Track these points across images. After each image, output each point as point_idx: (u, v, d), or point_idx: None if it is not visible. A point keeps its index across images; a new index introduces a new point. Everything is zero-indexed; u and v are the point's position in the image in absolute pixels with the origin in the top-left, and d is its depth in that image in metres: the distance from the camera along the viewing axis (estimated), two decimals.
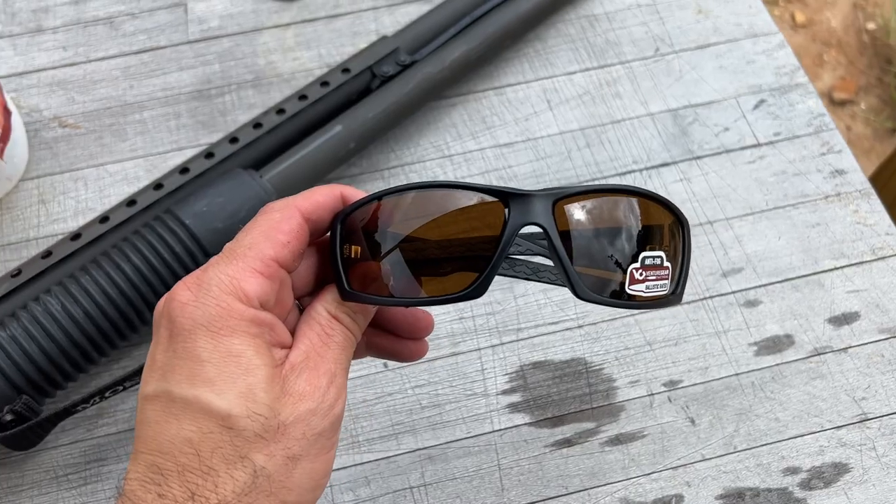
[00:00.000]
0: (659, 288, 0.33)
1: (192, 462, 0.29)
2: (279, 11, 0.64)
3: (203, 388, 0.29)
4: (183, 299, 0.30)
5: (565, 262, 0.31)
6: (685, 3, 0.64)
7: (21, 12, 0.65)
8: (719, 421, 0.47)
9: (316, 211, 0.33)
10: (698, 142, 0.57)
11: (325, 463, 0.31)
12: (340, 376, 0.32)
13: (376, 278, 0.32)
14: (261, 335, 0.30)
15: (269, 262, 0.31)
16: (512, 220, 0.31)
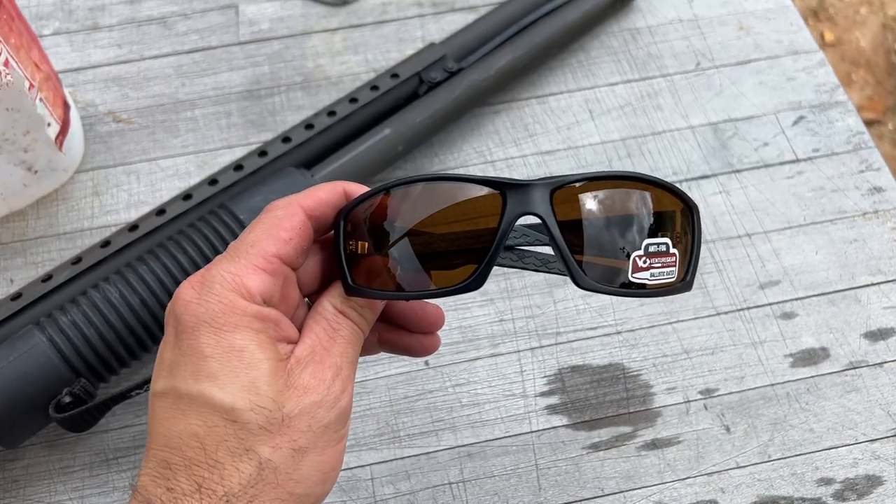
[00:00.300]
0: (665, 275, 0.32)
1: (198, 456, 0.29)
2: (328, 16, 0.66)
3: (207, 383, 0.30)
4: (187, 297, 0.31)
5: (563, 250, 0.31)
6: (726, 19, 0.65)
7: (78, 10, 0.67)
8: (754, 430, 0.48)
9: (319, 207, 0.33)
10: (738, 155, 0.58)
11: (334, 456, 0.32)
12: (346, 369, 0.32)
13: (380, 273, 0.33)
14: (264, 330, 0.31)
15: (272, 258, 0.32)
16: (508, 211, 0.31)
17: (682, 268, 0.33)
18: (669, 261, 0.32)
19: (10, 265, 0.54)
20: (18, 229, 0.56)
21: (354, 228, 0.33)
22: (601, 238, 0.32)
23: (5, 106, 0.49)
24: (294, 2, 0.67)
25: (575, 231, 0.32)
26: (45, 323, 0.44)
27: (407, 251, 0.32)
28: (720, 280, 0.53)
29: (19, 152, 0.52)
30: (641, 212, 0.32)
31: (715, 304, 0.52)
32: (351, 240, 0.33)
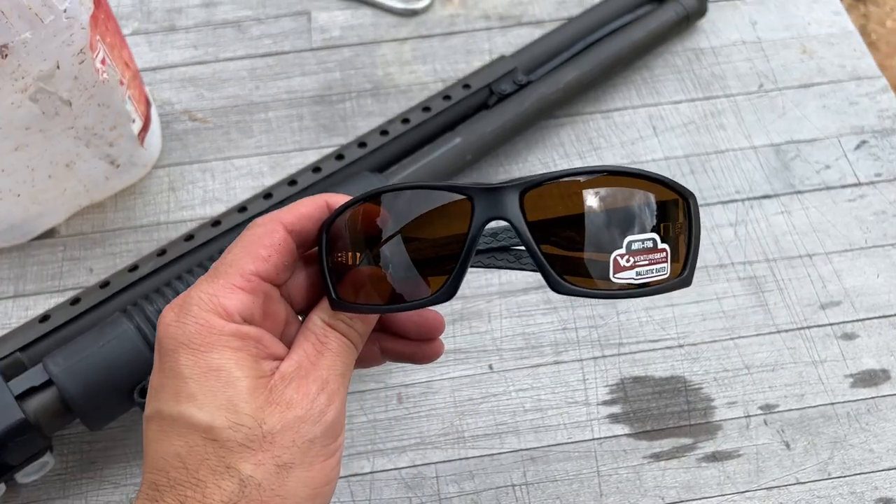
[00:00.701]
0: (655, 273, 0.30)
1: (182, 476, 0.29)
2: (397, 26, 0.68)
3: (186, 404, 0.30)
4: (167, 321, 0.31)
5: (536, 255, 0.30)
6: (790, 42, 0.66)
7: (156, 11, 0.69)
8: (814, 447, 0.49)
9: (300, 222, 0.33)
10: (799, 177, 0.59)
11: (323, 471, 0.31)
12: (334, 383, 0.32)
13: (363, 285, 0.32)
14: (244, 348, 0.31)
15: (250, 276, 0.31)
16: (476, 217, 0.30)
17: (677, 263, 0.31)
18: (658, 257, 0.30)
19: (90, 255, 0.56)
20: (98, 220, 0.58)
21: (337, 241, 0.33)
22: (579, 238, 0.30)
23: (97, 102, 0.51)
24: (365, 11, 0.69)
25: (551, 233, 0.30)
26: (132, 311, 0.46)
27: (388, 262, 0.32)
28: (781, 298, 0.54)
29: (105, 146, 0.54)
30: (624, 207, 0.30)
31: (776, 321, 0.53)
32: (334, 253, 0.33)
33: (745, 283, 0.54)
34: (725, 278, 0.54)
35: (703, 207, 0.57)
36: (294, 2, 0.69)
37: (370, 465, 0.48)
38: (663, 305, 0.53)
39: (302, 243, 0.33)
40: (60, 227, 0.57)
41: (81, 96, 0.50)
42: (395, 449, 0.49)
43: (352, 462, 0.48)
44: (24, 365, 0.45)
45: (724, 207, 0.57)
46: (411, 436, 0.49)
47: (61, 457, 0.49)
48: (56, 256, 0.56)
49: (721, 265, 0.55)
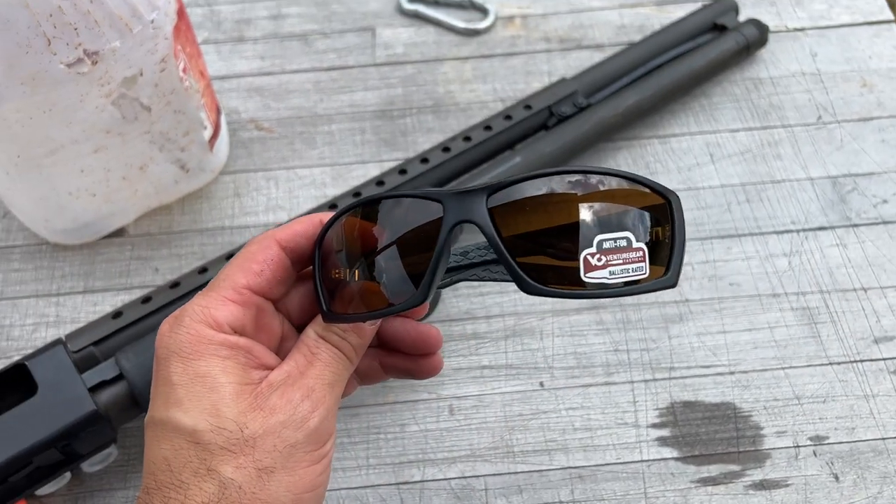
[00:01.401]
0: (631, 272, 0.29)
1: (167, 478, 0.30)
2: (459, 45, 0.69)
3: (174, 409, 0.31)
4: (162, 332, 0.33)
5: (503, 255, 0.30)
6: (850, 75, 0.66)
7: (226, 22, 0.71)
8: (863, 481, 0.49)
9: (294, 239, 0.34)
10: (856, 210, 0.59)
11: (306, 477, 0.32)
12: (320, 391, 0.33)
13: (353, 298, 0.33)
14: (232, 357, 0.32)
15: (242, 290, 0.33)
16: (445, 220, 0.30)
17: (661, 265, 0.30)
18: (633, 256, 0.30)
19: (156, 255, 0.58)
20: (165, 222, 0.60)
21: (329, 256, 0.34)
22: (549, 240, 0.30)
23: (174, 108, 0.53)
24: (428, 29, 0.70)
25: (521, 236, 0.30)
26: None
27: (374, 273, 0.33)
28: (834, 331, 0.54)
29: (177, 151, 0.56)
30: (599, 208, 0.30)
31: (828, 353, 0.53)
32: (327, 268, 0.34)
33: (797, 314, 0.54)
34: (778, 308, 0.55)
35: (757, 236, 0.58)
36: (359, 18, 0.71)
37: (420, 474, 0.49)
38: (715, 332, 0.54)
39: (297, 260, 0.35)
40: (129, 227, 0.60)
41: (160, 102, 0.52)
42: (446, 459, 0.50)
43: (402, 470, 0.49)
44: (97, 358, 0.47)
45: (778, 237, 0.58)
46: (461, 447, 0.50)
47: (124, 449, 0.50)
48: (124, 255, 0.58)
49: (774, 295, 0.55)
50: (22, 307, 0.56)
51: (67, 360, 0.45)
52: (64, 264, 0.58)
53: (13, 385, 0.46)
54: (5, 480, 0.44)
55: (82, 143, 0.51)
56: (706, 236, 0.58)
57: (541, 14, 0.71)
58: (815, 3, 0.71)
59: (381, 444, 0.50)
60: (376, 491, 0.49)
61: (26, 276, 0.57)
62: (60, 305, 0.56)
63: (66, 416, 0.44)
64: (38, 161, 0.50)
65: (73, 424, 0.44)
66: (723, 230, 0.58)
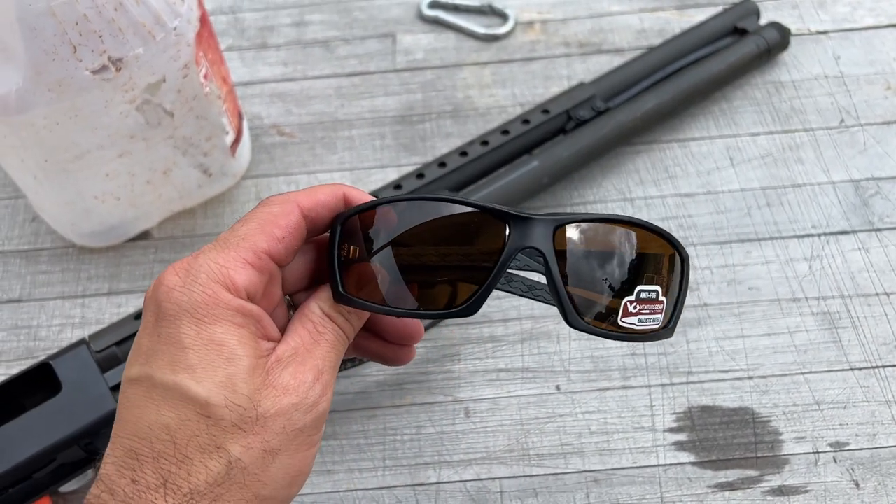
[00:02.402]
0: (651, 322, 0.33)
1: (167, 449, 0.28)
2: (479, 50, 0.70)
3: (183, 375, 0.29)
4: (170, 284, 0.30)
5: (560, 289, 0.31)
6: (874, 78, 0.65)
7: (249, 29, 0.72)
8: (884, 488, 0.48)
9: (315, 208, 0.32)
10: (879, 214, 0.58)
11: (304, 460, 0.31)
12: (327, 374, 0.31)
13: (370, 284, 0.32)
14: (246, 325, 0.30)
15: (262, 254, 0.31)
16: (511, 242, 0.31)
17: (666, 314, 0.33)
18: (657, 308, 0.33)
19: (179, 258, 0.59)
20: (188, 225, 0.61)
21: (350, 236, 0.33)
22: (595, 280, 0.32)
23: (196, 114, 0.54)
24: (448, 34, 0.71)
25: (569, 269, 0.32)
26: None
27: (402, 267, 0.32)
28: (855, 336, 0.53)
29: (200, 156, 0.57)
30: (638, 259, 0.33)
31: (849, 358, 0.52)
32: (344, 246, 0.33)
33: (818, 319, 0.54)
34: (798, 312, 0.54)
35: (778, 241, 0.57)
36: (380, 24, 0.72)
37: (436, 476, 0.49)
38: (734, 337, 0.54)
39: (312, 228, 0.33)
40: (153, 231, 0.61)
41: (182, 108, 0.53)
42: (461, 462, 0.50)
43: (419, 471, 0.50)
44: (119, 358, 0.48)
45: (799, 241, 0.57)
46: (477, 450, 0.50)
47: None
48: (147, 258, 0.59)
49: (794, 299, 0.55)
50: (49, 308, 0.57)
51: (91, 359, 0.46)
52: (90, 266, 0.59)
53: (39, 384, 0.47)
54: (30, 476, 0.45)
55: (107, 147, 0.52)
56: (725, 240, 0.57)
57: (560, 19, 0.71)
58: (839, 6, 0.70)
59: (398, 445, 0.51)
60: (392, 492, 0.49)
61: (53, 277, 0.59)
62: (86, 307, 0.57)
63: (89, 415, 0.45)
64: (65, 166, 0.52)
65: (96, 422, 0.45)
66: (742, 234, 0.58)
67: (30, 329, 0.56)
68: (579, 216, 0.32)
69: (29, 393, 0.47)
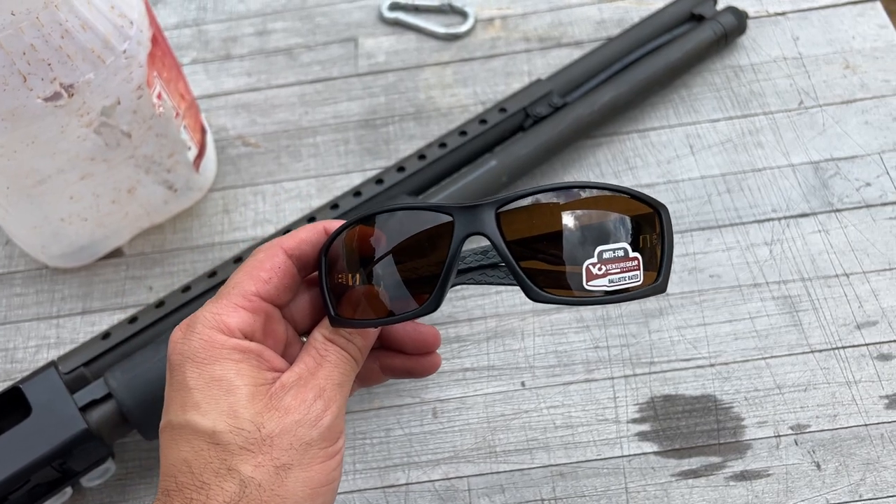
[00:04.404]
0: (627, 280, 0.32)
1: (188, 480, 0.31)
2: (440, 50, 0.70)
3: (192, 412, 0.32)
4: (175, 339, 0.34)
5: (512, 265, 0.32)
6: (832, 57, 0.66)
7: (213, 41, 0.73)
8: (845, 468, 0.49)
9: (300, 247, 0.36)
10: (838, 195, 0.59)
11: (322, 472, 0.33)
12: (331, 391, 0.34)
13: (359, 302, 0.35)
14: (245, 360, 0.33)
15: (251, 297, 0.34)
16: (456, 233, 0.32)
17: (653, 271, 0.33)
18: (629, 265, 0.32)
19: (150, 273, 0.60)
20: (157, 241, 0.62)
21: (336, 263, 0.35)
22: (553, 250, 0.32)
23: (155, 132, 0.55)
24: (409, 36, 0.71)
25: (526, 246, 0.32)
26: None
27: (380, 280, 0.34)
28: (816, 318, 0.54)
29: (163, 173, 0.58)
30: (596, 220, 0.33)
31: (810, 341, 0.53)
32: (333, 274, 0.35)
33: (779, 303, 0.54)
34: (759, 298, 0.55)
35: (738, 227, 0.58)
36: (342, 28, 0.72)
37: (405, 477, 0.50)
38: (695, 325, 0.54)
39: (303, 267, 0.36)
40: (125, 248, 0.62)
41: (140, 128, 0.54)
42: (430, 462, 0.51)
43: (388, 474, 0.51)
44: (88, 379, 0.49)
45: (759, 226, 0.58)
46: (445, 449, 0.51)
47: (122, 463, 0.52)
48: (119, 275, 0.60)
49: (755, 284, 0.55)
50: (24, 330, 0.58)
51: (59, 381, 0.47)
52: (63, 287, 0.60)
53: (10, 407, 0.48)
54: (6, 499, 0.46)
55: (68, 171, 0.53)
56: (686, 229, 0.58)
57: (520, 14, 0.72)
58: None
59: (367, 448, 0.52)
60: (363, 495, 0.50)
61: (28, 300, 0.60)
62: (60, 327, 0.58)
63: (60, 436, 0.46)
64: (28, 191, 0.53)
65: (66, 443, 0.46)
66: (703, 222, 0.58)
67: (6, 351, 0.57)
68: (523, 191, 0.32)
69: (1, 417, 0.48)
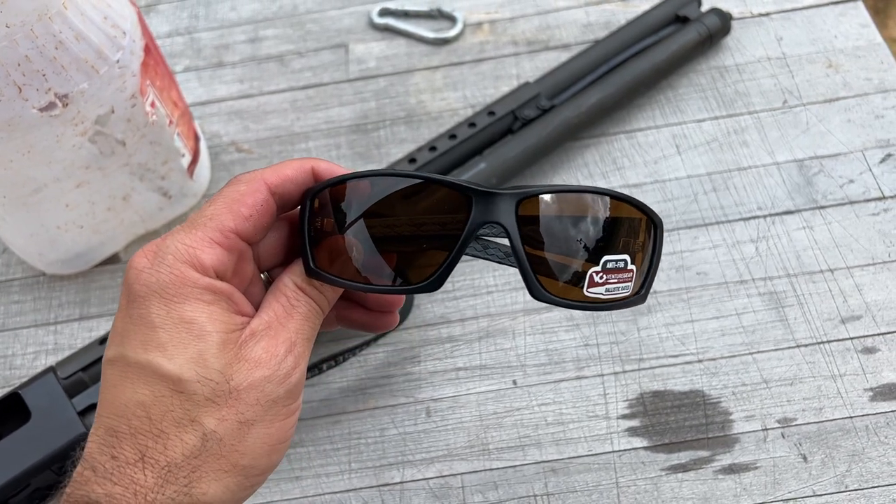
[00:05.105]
0: (620, 290, 0.33)
1: (143, 425, 0.29)
2: (430, 55, 0.71)
3: (155, 353, 0.30)
4: (139, 266, 0.31)
5: (523, 263, 0.32)
6: (815, 57, 0.67)
7: (206, 49, 0.74)
8: (831, 460, 0.50)
9: (283, 185, 0.33)
10: (822, 192, 0.60)
11: (282, 430, 0.32)
12: (300, 346, 0.32)
13: (341, 258, 0.33)
14: (216, 303, 0.31)
15: (229, 233, 0.31)
16: (473, 218, 0.31)
17: (637, 281, 0.33)
18: (626, 276, 0.33)
19: None
20: None
21: (320, 211, 0.33)
22: (561, 251, 0.32)
23: (149, 140, 0.56)
24: (399, 41, 0.72)
25: (536, 242, 0.32)
26: None
27: (369, 241, 0.33)
28: (801, 313, 0.55)
29: (157, 180, 0.59)
30: (604, 227, 0.33)
31: (795, 336, 0.54)
32: (315, 221, 0.33)
33: (765, 299, 0.55)
34: (746, 294, 0.56)
35: (724, 224, 0.59)
36: (333, 35, 0.73)
37: (400, 476, 0.51)
38: (683, 322, 0.55)
39: (282, 205, 0.34)
40: (121, 254, 0.63)
41: (134, 136, 0.55)
42: (424, 460, 0.52)
43: (383, 472, 0.51)
44: (86, 383, 0.50)
45: (745, 224, 0.59)
46: (439, 448, 0.52)
47: None
48: (116, 282, 0.61)
49: (742, 281, 0.56)
50: (23, 337, 0.59)
51: (58, 386, 0.48)
52: (60, 294, 0.61)
53: (9, 413, 0.49)
54: (6, 502, 0.47)
55: (64, 180, 0.54)
56: (673, 227, 0.59)
57: (508, 18, 0.73)
58: None
59: (362, 448, 0.53)
60: (358, 494, 0.51)
61: (25, 307, 0.60)
62: (58, 333, 0.59)
63: (59, 440, 0.47)
64: (24, 200, 0.53)
65: (65, 447, 0.47)
66: (689, 220, 0.59)
67: (5, 358, 0.58)
68: (544, 188, 0.32)
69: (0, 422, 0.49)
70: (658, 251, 0.34)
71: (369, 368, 0.55)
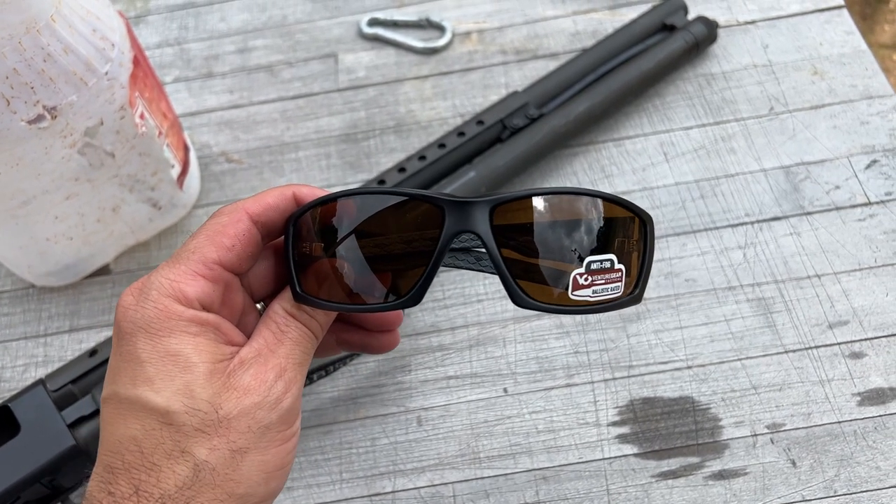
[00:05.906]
0: (609, 291, 0.32)
1: (136, 459, 0.30)
2: (419, 64, 0.71)
3: (143, 388, 0.30)
4: (126, 304, 0.32)
5: (502, 269, 0.31)
6: (801, 64, 0.67)
7: (195, 59, 0.74)
8: (820, 465, 0.50)
9: (266, 213, 0.33)
10: (809, 198, 0.60)
11: (278, 456, 0.32)
12: (292, 371, 0.32)
13: (327, 281, 0.33)
14: (203, 334, 0.31)
15: (212, 265, 0.32)
16: (447, 229, 0.31)
17: (630, 281, 0.33)
18: (614, 277, 0.32)
19: None
20: (143, 258, 0.63)
21: (304, 235, 0.33)
22: (541, 255, 0.32)
23: (138, 152, 0.56)
24: (388, 51, 0.72)
25: (514, 247, 0.32)
26: None
27: (353, 262, 0.33)
28: (789, 319, 0.55)
29: (147, 191, 0.59)
30: (586, 228, 0.32)
31: (783, 342, 0.54)
32: (300, 246, 0.33)
33: (753, 305, 0.56)
34: (734, 300, 0.56)
35: (712, 231, 0.59)
36: (322, 45, 0.74)
37: (392, 485, 0.51)
38: (672, 328, 0.55)
39: (266, 234, 0.34)
40: (111, 265, 0.63)
41: (123, 147, 0.55)
42: (415, 469, 0.52)
43: (374, 482, 0.51)
44: (76, 396, 0.50)
45: (733, 231, 0.59)
46: (430, 457, 0.52)
47: None
48: (106, 293, 0.61)
49: (730, 287, 0.57)
50: (12, 349, 0.59)
51: (47, 399, 0.48)
52: (50, 306, 0.61)
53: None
54: None
55: (53, 192, 0.54)
56: (661, 235, 0.59)
57: (497, 27, 0.73)
58: None
59: (354, 458, 0.53)
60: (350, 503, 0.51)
61: (15, 319, 0.60)
62: (48, 345, 0.59)
63: (48, 452, 0.47)
64: (13, 212, 0.53)
65: (55, 460, 0.47)
66: (678, 227, 0.60)
67: None
68: (518, 193, 0.31)
69: None
70: (650, 249, 0.33)
71: (360, 378, 0.55)
